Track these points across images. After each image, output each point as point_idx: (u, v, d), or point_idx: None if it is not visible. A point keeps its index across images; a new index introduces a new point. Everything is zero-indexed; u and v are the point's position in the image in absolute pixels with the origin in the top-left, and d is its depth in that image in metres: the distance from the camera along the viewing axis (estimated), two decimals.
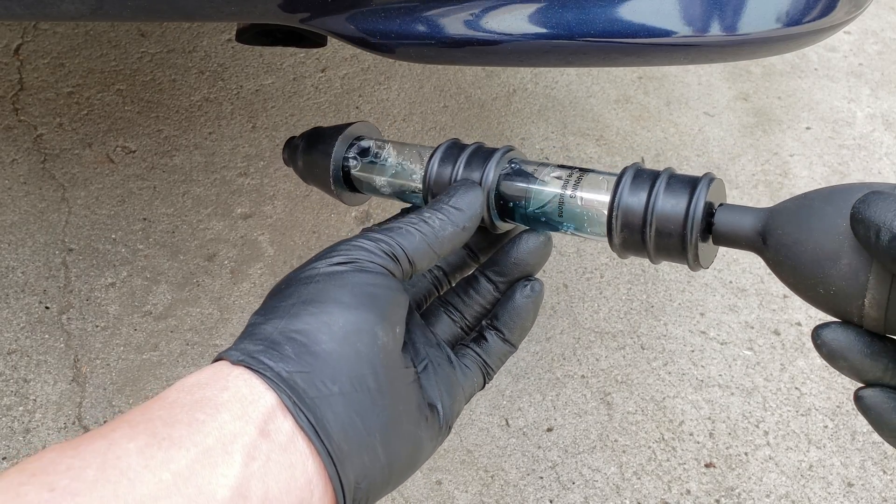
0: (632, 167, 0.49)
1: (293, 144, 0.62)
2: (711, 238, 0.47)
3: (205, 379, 0.39)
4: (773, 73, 1.63)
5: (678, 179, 0.48)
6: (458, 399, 0.49)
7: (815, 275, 0.40)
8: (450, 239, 0.48)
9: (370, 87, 1.50)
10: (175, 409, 0.37)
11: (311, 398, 0.38)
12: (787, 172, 1.42)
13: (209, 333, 1.14)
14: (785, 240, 0.42)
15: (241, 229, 1.26)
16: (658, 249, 0.48)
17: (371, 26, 0.61)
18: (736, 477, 1.03)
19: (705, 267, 0.48)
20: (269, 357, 0.39)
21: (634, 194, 0.48)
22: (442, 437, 0.47)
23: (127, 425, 0.36)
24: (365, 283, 0.42)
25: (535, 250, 0.51)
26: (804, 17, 0.62)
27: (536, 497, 1.01)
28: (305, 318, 0.41)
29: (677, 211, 0.46)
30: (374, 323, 0.41)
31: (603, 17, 0.59)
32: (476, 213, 0.50)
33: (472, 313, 0.52)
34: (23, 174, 1.31)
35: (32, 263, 1.20)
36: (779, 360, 1.15)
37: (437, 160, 0.53)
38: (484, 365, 0.51)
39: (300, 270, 0.44)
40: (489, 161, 0.52)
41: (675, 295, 1.22)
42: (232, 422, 0.36)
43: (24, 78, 1.45)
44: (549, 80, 1.56)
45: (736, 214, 0.46)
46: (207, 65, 1.51)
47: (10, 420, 1.04)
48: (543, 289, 0.52)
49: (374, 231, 0.46)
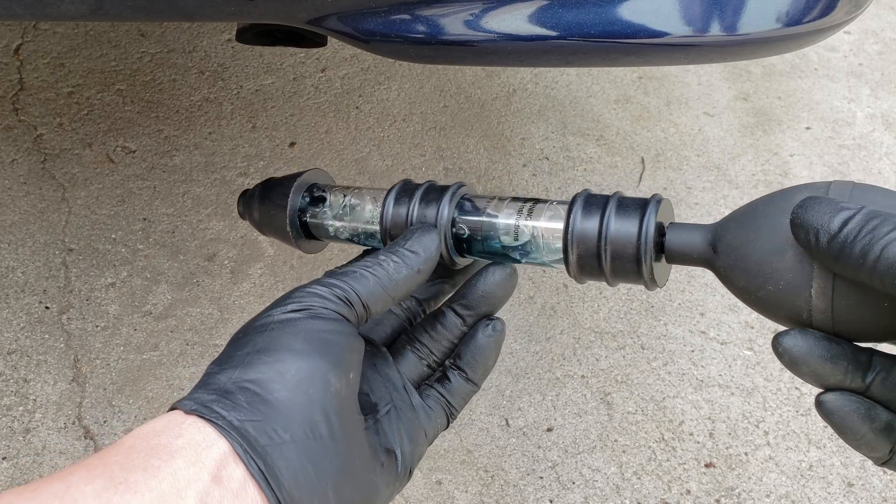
0: (582, 194, 0.50)
1: (247, 197, 0.62)
2: (664, 257, 0.48)
3: (160, 427, 0.39)
4: (773, 73, 1.63)
5: (627, 203, 0.49)
6: (420, 443, 0.49)
7: (764, 271, 0.41)
8: (405, 282, 0.48)
9: (370, 87, 1.50)
10: (132, 454, 0.37)
11: (262, 446, 0.39)
12: (787, 172, 1.42)
13: (209, 333, 1.14)
14: (733, 242, 0.43)
15: (241, 229, 1.26)
16: (614, 272, 0.49)
17: (371, 26, 0.61)
18: (736, 477, 1.03)
19: (660, 286, 0.49)
20: (221, 406, 0.40)
21: (587, 220, 0.49)
22: (400, 482, 0.47)
23: (85, 469, 0.36)
24: (318, 330, 0.43)
25: (501, 282, 0.52)
26: (804, 17, 0.62)
27: (536, 497, 1.01)
28: (259, 366, 0.41)
29: (629, 234, 0.47)
30: (326, 370, 0.42)
31: (603, 17, 0.59)
32: (432, 255, 0.50)
33: (439, 348, 0.52)
34: (23, 174, 1.31)
35: (32, 263, 1.20)
36: (778, 361, 1.15)
37: (392, 202, 0.54)
38: (447, 405, 0.51)
39: (257, 319, 0.45)
40: (442, 198, 0.53)
41: (675, 295, 1.22)
42: (186, 468, 0.37)
43: (24, 78, 1.45)
44: (549, 80, 1.56)
45: (686, 231, 0.47)
46: (207, 65, 1.51)
47: (10, 420, 1.04)
48: (505, 328, 0.53)
49: (330, 276, 0.47)
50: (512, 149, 1.43)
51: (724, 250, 0.44)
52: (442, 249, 0.53)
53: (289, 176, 0.60)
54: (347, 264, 0.49)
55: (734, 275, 0.44)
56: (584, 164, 1.41)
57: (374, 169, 1.36)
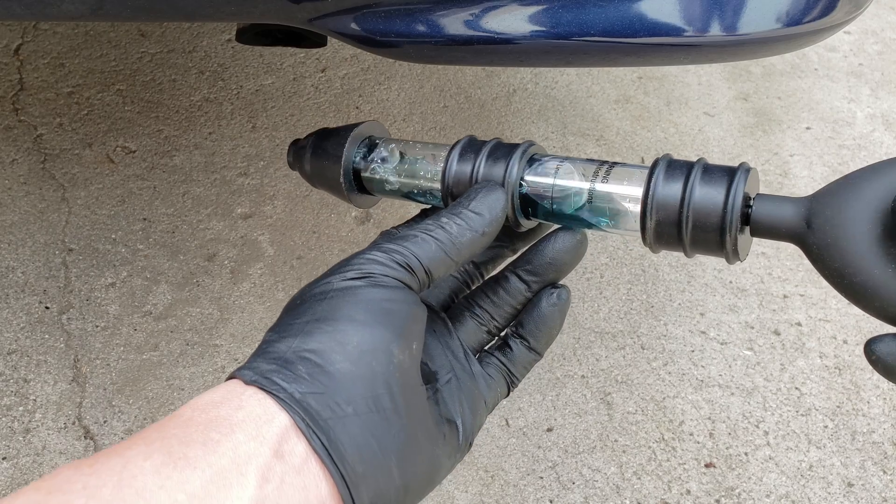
0: (664, 158, 0.48)
1: (299, 147, 0.59)
2: (749, 230, 0.46)
3: (219, 398, 0.38)
4: (773, 73, 1.63)
5: (713, 170, 0.46)
6: (480, 413, 0.48)
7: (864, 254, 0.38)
8: (468, 245, 0.46)
9: (370, 87, 1.50)
10: (190, 427, 0.37)
11: (325, 420, 0.38)
12: (787, 172, 1.42)
13: (209, 333, 1.14)
14: (832, 218, 0.40)
15: (241, 229, 1.26)
16: (695, 243, 0.46)
17: (371, 26, 0.61)
18: (736, 477, 1.03)
19: (742, 260, 0.47)
20: (282, 377, 0.38)
21: (668, 186, 0.46)
22: (461, 453, 0.46)
23: (143, 443, 0.36)
24: (380, 299, 0.41)
25: (570, 249, 0.50)
26: (804, 17, 0.62)
27: (536, 497, 1.01)
28: (319, 336, 0.40)
29: (715, 203, 0.44)
30: (389, 341, 0.40)
31: (603, 17, 0.59)
32: (497, 216, 0.48)
33: (501, 314, 0.50)
34: (23, 174, 1.31)
35: (32, 263, 1.20)
36: (779, 360, 1.15)
37: (456, 158, 0.51)
38: (508, 374, 0.50)
39: (314, 285, 0.43)
40: (511, 157, 0.50)
41: (675, 295, 1.22)
42: (246, 442, 0.36)
43: (24, 78, 1.45)
44: (549, 80, 1.56)
45: (776, 203, 0.44)
46: (207, 65, 1.51)
47: (10, 420, 1.04)
48: (570, 296, 0.50)
49: (388, 240, 0.45)
50: None
51: (819, 226, 0.41)
52: (508, 212, 0.50)
53: (345, 126, 0.57)
54: (406, 225, 0.47)
55: (829, 254, 0.40)
56: None
57: None
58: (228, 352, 1.12)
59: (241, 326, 1.15)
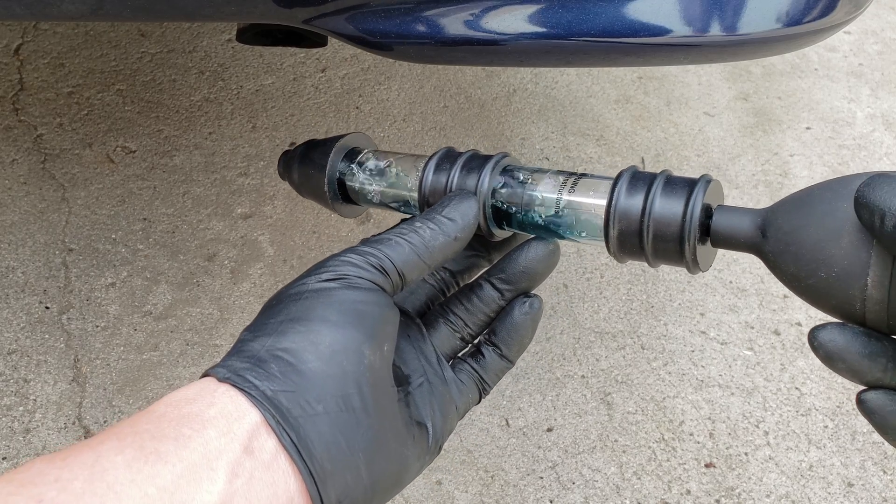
0: (628, 170, 0.49)
1: (287, 157, 0.61)
2: (710, 240, 0.47)
3: (192, 394, 0.39)
4: (773, 73, 1.63)
5: (675, 181, 0.47)
6: (451, 417, 0.49)
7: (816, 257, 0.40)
8: (440, 249, 0.47)
9: (370, 87, 1.50)
10: (163, 423, 0.37)
11: (295, 417, 0.38)
12: (787, 172, 1.42)
13: (209, 333, 1.14)
14: (784, 227, 0.42)
15: (241, 229, 1.26)
16: (656, 253, 0.47)
17: (371, 26, 0.61)
18: (736, 477, 1.03)
19: (703, 270, 0.48)
20: (254, 375, 0.39)
21: (631, 197, 0.47)
22: (430, 456, 0.47)
23: (115, 438, 0.36)
24: (353, 301, 0.42)
25: (543, 258, 0.51)
26: (804, 17, 0.62)
27: (536, 497, 1.01)
28: (292, 336, 0.41)
29: (674, 213, 0.46)
30: (360, 342, 0.41)
31: (603, 17, 0.59)
32: (469, 223, 0.49)
33: (474, 321, 0.51)
34: (23, 174, 1.31)
35: (32, 263, 1.20)
36: (779, 360, 1.15)
37: (432, 169, 0.53)
38: (480, 381, 0.51)
39: (290, 286, 0.44)
40: (484, 168, 0.52)
41: (675, 295, 1.22)
42: (217, 438, 0.37)
43: (24, 78, 1.45)
44: (549, 80, 1.56)
45: (734, 215, 0.45)
46: (207, 65, 1.51)
47: (10, 420, 1.04)
48: (542, 305, 0.52)
49: (364, 244, 0.46)
50: (512, 149, 1.42)
51: (773, 235, 0.42)
52: (480, 220, 0.51)
53: (330, 138, 0.59)
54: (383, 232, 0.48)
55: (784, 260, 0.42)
56: (584, 164, 1.41)
57: None
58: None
59: (241, 326, 1.15)
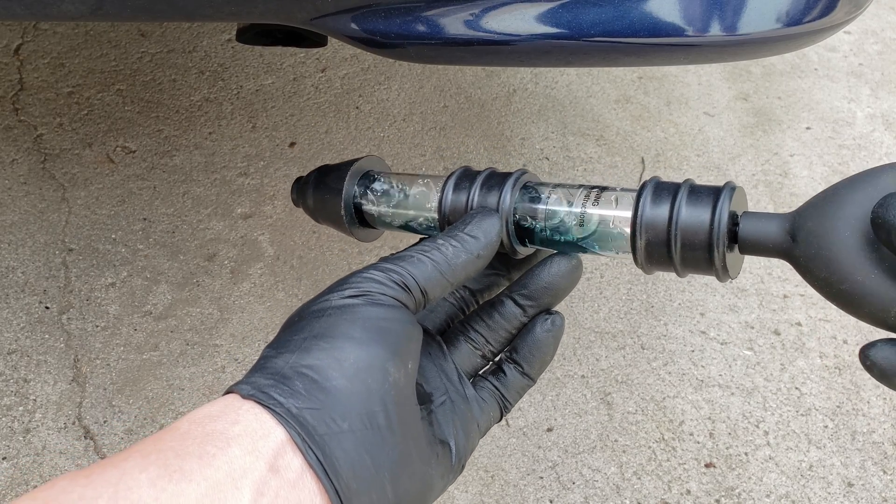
0: (651, 181, 0.49)
1: (301, 184, 0.61)
2: (738, 247, 0.47)
3: (216, 412, 0.39)
4: (773, 73, 1.63)
5: (699, 190, 0.47)
6: (473, 436, 0.48)
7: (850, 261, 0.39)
8: (463, 267, 0.47)
9: (370, 87, 1.50)
10: (186, 440, 0.37)
11: (321, 435, 0.38)
12: (787, 172, 1.42)
13: (209, 333, 1.14)
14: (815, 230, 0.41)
15: (241, 229, 1.26)
16: (685, 263, 0.47)
17: (372, 26, 0.61)
18: (736, 477, 1.03)
19: (733, 277, 0.48)
20: (279, 392, 0.39)
21: (657, 207, 0.47)
22: (454, 474, 0.46)
23: (139, 455, 0.36)
24: (376, 318, 0.42)
25: (566, 273, 0.51)
26: (804, 17, 0.62)
27: (536, 497, 1.01)
28: (316, 353, 0.41)
29: (702, 222, 0.46)
30: (385, 359, 0.41)
31: (603, 18, 0.59)
32: (492, 240, 0.49)
33: (496, 338, 0.51)
34: (23, 174, 1.31)
35: (32, 263, 1.20)
36: (779, 360, 1.15)
37: (451, 188, 0.53)
38: (502, 398, 0.50)
39: (313, 302, 0.44)
40: (504, 185, 0.52)
41: (675, 295, 1.22)
42: (242, 456, 0.36)
43: (24, 78, 1.45)
44: (549, 80, 1.56)
45: (762, 220, 0.45)
46: (207, 65, 1.51)
47: (10, 420, 1.04)
48: (564, 323, 0.51)
49: (386, 261, 0.46)
50: (512, 149, 1.43)
51: (804, 238, 0.42)
52: (503, 238, 0.51)
53: (344, 162, 0.59)
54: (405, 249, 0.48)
55: (815, 265, 0.41)
56: (584, 164, 1.41)
57: None
58: (228, 352, 1.12)
59: (241, 326, 1.15)
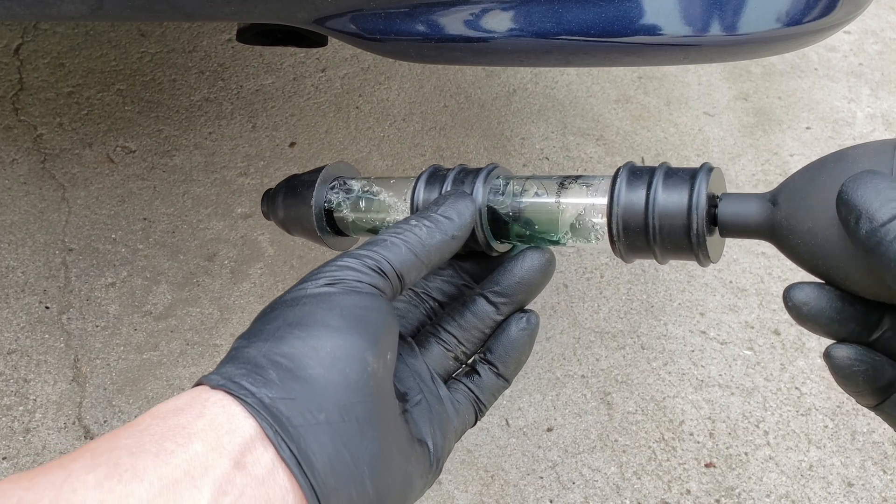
0: (625, 166, 0.47)
1: (270, 195, 0.59)
2: (718, 230, 0.45)
3: (181, 404, 0.36)
4: (773, 73, 1.63)
5: (675, 172, 0.46)
6: (450, 437, 0.46)
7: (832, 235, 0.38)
8: (438, 248, 0.45)
9: (370, 87, 1.50)
10: (144, 437, 0.34)
11: (295, 427, 0.36)
12: (787, 172, 1.42)
13: (209, 333, 1.14)
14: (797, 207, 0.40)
15: (241, 229, 1.26)
16: (664, 248, 0.46)
17: (371, 26, 0.61)
18: (736, 477, 1.03)
19: (714, 261, 0.46)
20: (250, 381, 0.36)
21: (632, 192, 0.45)
22: (432, 475, 0.44)
23: (90, 455, 0.33)
24: (354, 306, 0.40)
25: (539, 267, 0.49)
26: (804, 17, 0.62)
27: (536, 497, 1.01)
28: (291, 341, 0.38)
29: (679, 205, 0.44)
30: (363, 349, 0.39)
31: (603, 17, 0.59)
32: (466, 221, 0.47)
33: (468, 339, 0.49)
34: (23, 174, 1.31)
35: (32, 263, 1.20)
36: (779, 360, 1.15)
37: (423, 187, 0.52)
38: (476, 401, 0.49)
39: (287, 293, 0.42)
40: (476, 180, 0.50)
41: (675, 295, 1.22)
42: (205, 453, 0.34)
43: (24, 78, 1.45)
44: (549, 80, 1.56)
45: (741, 201, 0.44)
46: (207, 65, 1.51)
47: (10, 420, 1.04)
48: (539, 321, 0.50)
49: (360, 247, 0.44)
50: (512, 149, 1.43)
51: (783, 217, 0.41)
52: (479, 234, 0.50)
53: (312, 170, 0.57)
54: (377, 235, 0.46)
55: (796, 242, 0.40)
56: (584, 164, 1.41)
57: (374, 169, 1.36)
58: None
59: (241, 326, 1.15)
